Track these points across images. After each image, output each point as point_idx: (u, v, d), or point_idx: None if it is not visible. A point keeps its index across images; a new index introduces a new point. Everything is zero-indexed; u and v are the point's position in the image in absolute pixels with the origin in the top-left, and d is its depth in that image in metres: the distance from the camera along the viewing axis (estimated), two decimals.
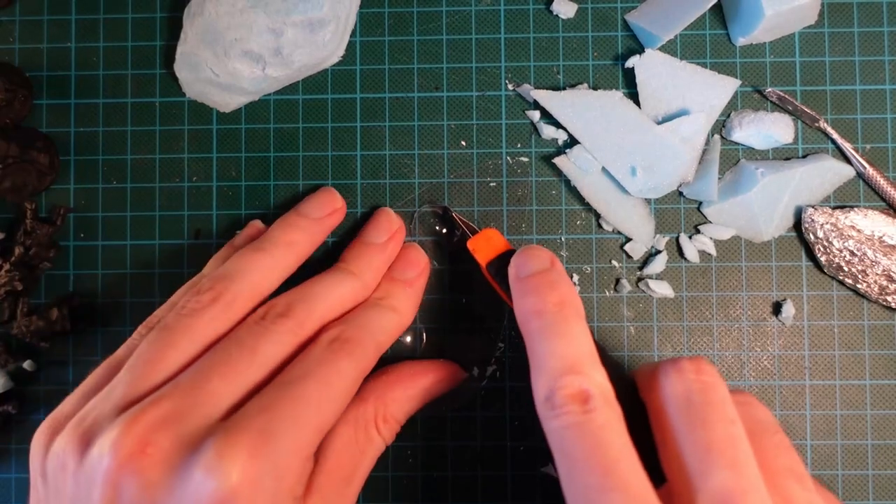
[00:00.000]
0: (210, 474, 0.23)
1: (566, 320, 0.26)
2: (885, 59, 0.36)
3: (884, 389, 0.35)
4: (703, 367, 0.25)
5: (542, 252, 0.29)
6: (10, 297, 0.36)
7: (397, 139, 0.37)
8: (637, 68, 0.36)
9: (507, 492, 0.35)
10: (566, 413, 0.24)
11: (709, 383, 0.25)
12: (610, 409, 0.24)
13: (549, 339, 0.26)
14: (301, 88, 0.37)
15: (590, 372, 0.25)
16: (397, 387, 0.32)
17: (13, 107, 0.36)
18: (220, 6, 0.34)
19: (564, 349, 0.25)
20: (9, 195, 0.36)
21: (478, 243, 0.32)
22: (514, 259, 0.30)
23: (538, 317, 0.27)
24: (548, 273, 0.28)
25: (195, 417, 0.24)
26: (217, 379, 0.25)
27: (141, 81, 0.38)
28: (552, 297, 0.27)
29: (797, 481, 0.24)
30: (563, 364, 0.25)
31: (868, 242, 0.35)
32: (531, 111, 0.36)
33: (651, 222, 0.36)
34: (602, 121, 0.35)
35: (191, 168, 0.37)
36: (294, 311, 0.28)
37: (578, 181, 0.35)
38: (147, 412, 0.24)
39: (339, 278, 0.31)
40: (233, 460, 0.23)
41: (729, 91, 0.35)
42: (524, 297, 0.28)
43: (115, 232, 0.37)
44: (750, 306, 0.36)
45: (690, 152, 0.35)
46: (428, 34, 0.37)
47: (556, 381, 0.24)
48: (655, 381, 0.26)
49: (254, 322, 0.28)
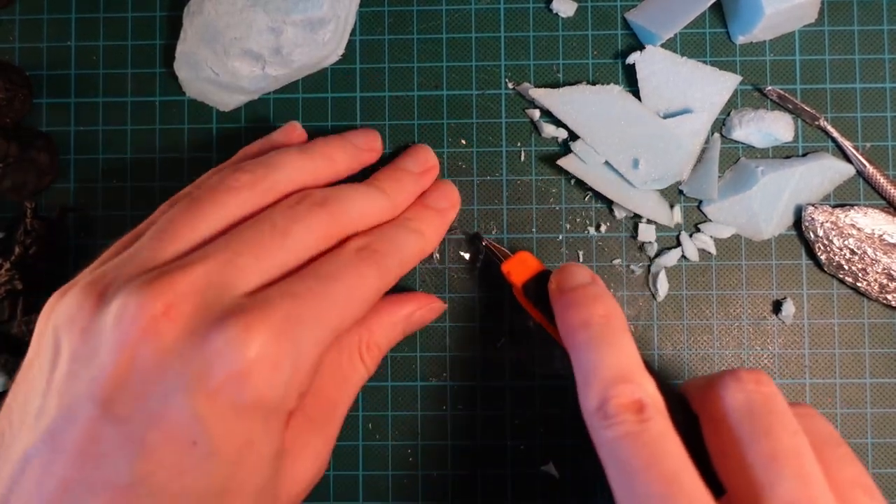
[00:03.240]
0: (230, 345, 0.22)
1: (613, 331, 0.26)
2: (885, 58, 0.36)
3: (884, 388, 0.35)
4: (763, 378, 0.25)
5: (582, 269, 0.29)
6: (9, 296, 0.36)
7: (397, 138, 0.37)
8: (638, 65, 0.36)
9: (507, 491, 0.35)
10: (621, 423, 0.23)
11: (769, 394, 0.25)
12: (664, 418, 0.24)
13: (597, 349, 0.26)
14: (301, 87, 0.37)
15: (642, 381, 0.25)
16: (381, 314, 0.32)
17: (13, 106, 0.36)
18: (220, 5, 0.34)
19: (614, 359, 0.25)
20: (9, 194, 0.36)
21: (512, 266, 0.32)
22: (555, 275, 0.30)
23: (585, 328, 0.27)
24: (591, 286, 0.28)
25: (222, 289, 0.23)
26: (248, 254, 0.24)
27: (141, 80, 0.38)
28: (598, 309, 0.27)
29: (865, 493, 0.24)
30: (615, 373, 0.25)
31: (868, 241, 0.35)
32: (531, 109, 0.36)
33: (666, 204, 0.36)
34: (602, 115, 0.35)
35: (191, 167, 0.37)
36: (329, 204, 0.28)
37: (587, 176, 0.35)
38: (173, 275, 0.23)
39: (371, 192, 0.30)
40: (257, 335, 0.22)
41: (730, 87, 0.35)
42: (569, 310, 0.28)
43: (115, 231, 0.37)
44: (750, 305, 0.36)
45: (693, 143, 0.35)
46: (428, 33, 0.37)
47: (608, 391, 0.24)
48: (713, 391, 0.25)
49: (287, 206, 0.27)
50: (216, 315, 0.23)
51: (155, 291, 0.22)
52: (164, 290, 0.22)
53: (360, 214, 0.29)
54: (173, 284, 0.23)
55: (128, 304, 0.22)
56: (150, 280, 0.23)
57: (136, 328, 0.22)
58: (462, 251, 0.36)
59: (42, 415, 0.22)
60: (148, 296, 0.22)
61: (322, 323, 0.25)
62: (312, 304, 0.24)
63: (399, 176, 0.32)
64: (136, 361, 0.22)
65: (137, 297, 0.22)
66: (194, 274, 0.23)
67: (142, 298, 0.22)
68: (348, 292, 0.26)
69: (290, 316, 0.23)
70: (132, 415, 0.22)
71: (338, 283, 0.26)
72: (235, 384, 0.22)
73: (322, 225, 0.27)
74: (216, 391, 0.22)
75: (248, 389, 0.22)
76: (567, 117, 0.35)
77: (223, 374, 0.22)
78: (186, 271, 0.23)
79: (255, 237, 0.25)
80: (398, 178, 0.32)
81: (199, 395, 0.22)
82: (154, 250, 0.25)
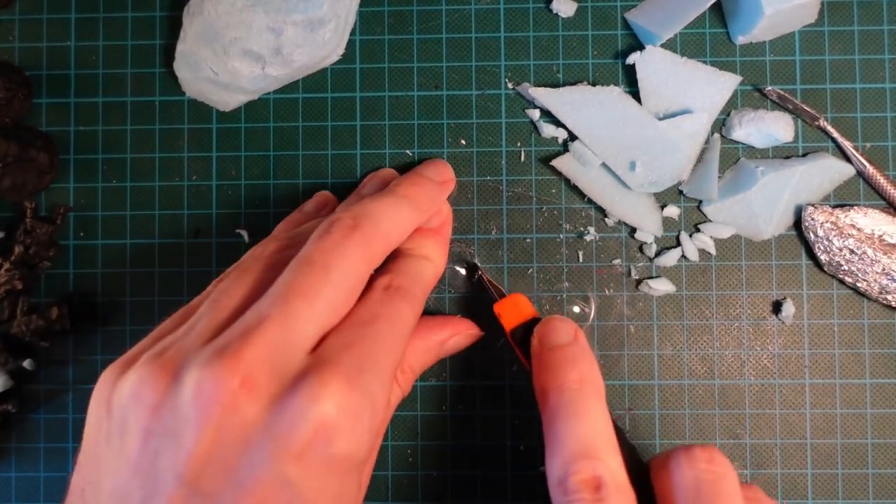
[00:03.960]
0: (311, 404, 0.22)
1: (584, 400, 0.26)
2: (885, 58, 0.36)
3: (884, 388, 0.35)
4: (715, 456, 0.25)
5: (565, 325, 0.29)
6: (9, 296, 0.36)
7: (397, 138, 0.37)
8: (638, 65, 0.36)
9: (507, 491, 0.35)
10: (577, 500, 0.24)
11: (719, 473, 0.25)
12: (622, 497, 0.24)
13: (566, 419, 0.26)
14: (301, 87, 0.37)
15: (605, 458, 0.25)
16: (416, 339, 0.32)
17: (13, 106, 0.36)
18: (220, 5, 0.34)
19: (582, 430, 0.25)
20: (8, 194, 0.36)
21: (504, 308, 0.32)
22: (538, 329, 0.30)
23: (557, 393, 0.27)
24: (570, 347, 0.28)
25: (287, 349, 0.23)
26: (299, 302, 0.24)
27: (141, 80, 0.38)
28: (573, 375, 0.27)
29: None
30: (579, 447, 0.25)
31: (868, 241, 0.35)
32: (531, 110, 0.36)
33: (658, 212, 0.36)
34: (601, 116, 0.35)
35: (190, 167, 0.37)
36: (361, 226, 0.27)
37: (579, 179, 0.35)
38: (241, 343, 0.23)
39: (398, 202, 0.29)
40: (334, 391, 0.22)
41: (730, 87, 0.35)
42: (546, 372, 0.28)
43: (115, 231, 0.37)
44: (750, 305, 0.36)
45: (691, 147, 0.35)
46: (428, 33, 0.37)
47: (570, 466, 0.25)
48: (666, 467, 0.26)
49: (319, 237, 0.26)
50: (289, 378, 0.23)
51: (229, 366, 0.22)
52: (237, 364, 0.22)
53: (392, 228, 0.28)
54: (243, 356, 0.22)
55: (203, 380, 0.22)
56: (219, 353, 0.22)
57: (216, 404, 0.22)
58: (458, 266, 0.36)
59: (125, 497, 0.22)
60: (223, 371, 0.22)
61: (381, 365, 0.25)
62: (369, 350, 0.24)
63: (421, 182, 0.32)
64: (220, 437, 0.22)
65: (212, 373, 0.22)
66: (260, 342, 0.23)
67: (217, 373, 0.22)
68: (392, 330, 0.26)
69: (354, 366, 0.23)
70: (221, 489, 0.22)
71: (380, 324, 0.26)
72: (322, 441, 0.22)
73: (358, 250, 0.26)
74: (303, 452, 0.22)
75: (335, 444, 0.22)
76: (566, 117, 0.35)
77: (308, 434, 0.22)
78: (251, 340, 0.23)
79: (300, 281, 0.25)
80: (421, 185, 0.32)
81: (286, 458, 0.22)
82: (212, 319, 0.25)
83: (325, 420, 0.22)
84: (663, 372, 0.36)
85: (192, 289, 0.37)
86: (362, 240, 0.26)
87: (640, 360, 0.36)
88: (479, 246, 0.36)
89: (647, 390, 0.36)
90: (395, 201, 0.29)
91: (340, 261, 0.25)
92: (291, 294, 0.24)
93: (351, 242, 0.26)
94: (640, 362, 0.36)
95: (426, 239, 0.32)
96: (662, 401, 0.36)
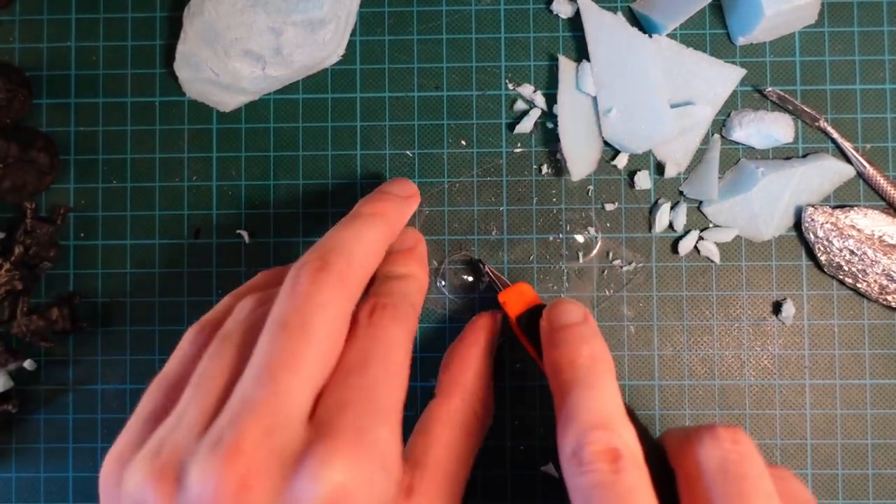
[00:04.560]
0: (316, 482, 0.21)
1: (598, 374, 0.26)
2: (885, 59, 0.36)
3: (884, 389, 0.35)
4: (740, 437, 0.25)
5: (575, 306, 0.29)
6: (10, 296, 0.36)
7: (397, 139, 0.37)
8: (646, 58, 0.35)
9: (507, 492, 0.35)
10: (594, 471, 0.23)
11: (745, 454, 0.24)
12: (639, 470, 0.23)
13: (580, 391, 0.25)
14: (301, 88, 0.37)
15: (620, 430, 0.24)
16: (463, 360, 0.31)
17: (13, 106, 0.36)
18: (220, 6, 0.34)
19: (595, 403, 0.25)
20: (9, 195, 0.36)
21: (509, 296, 0.32)
22: (547, 311, 0.29)
23: (570, 368, 0.26)
24: (581, 326, 0.28)
25: (282, 424, 0.22)
26: (283, 374, 0.23)
27: (141, 81, 0.38)
28: (584, 350, 0.27)
29: None
30: (594, 418, 0.24)
31: (868, 242, 0.35)
32: (518, 93, 0.36)
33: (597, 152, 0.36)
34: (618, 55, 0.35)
35: (191, 167, 0.37)
36: (331, 263, 0.25)
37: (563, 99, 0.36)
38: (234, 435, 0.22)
39: (363, 221, 0.28)
40: (336, 460, 0.21)
41: (734, 80, 0.35)
42: (556, 348, 0.27)
43: (115, 231, 0.37)
44: (750, 306, 0.36)
45: (691, 139, 0.35)
46: (428, 33, 0.37)
47: (585, 436, 0.24)
48: (689, 446, 0.25)
49: (290, 289, 0.24)
50: (291, 458, 0.22)
51: (227, 464, 0.21)
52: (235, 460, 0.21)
53: (364, 254, 0.27)
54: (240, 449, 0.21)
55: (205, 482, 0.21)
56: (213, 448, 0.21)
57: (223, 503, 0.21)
58: (464, 275, 0.36)
59: None
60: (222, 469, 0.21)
61: (384, 410, 0.24)
62: (367, 400, 0.23)
63: (386, 198, 0.31)
64: None
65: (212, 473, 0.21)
66: (252, 428, 0.22)
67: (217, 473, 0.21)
68: (387, 368, 0.25)
69: (354, 427, 0.22)
70: None
71: (373, 366, 0.24)
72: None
73: (334, 293, 0.24)
74: None
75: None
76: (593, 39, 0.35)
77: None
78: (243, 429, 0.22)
79: (280, 350, 0.23)
80: (386, 199, 0.30)
81: None
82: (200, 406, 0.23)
83: (333, 490, 0.21)
84: (663, 372, 0.36)
85: (193, 289, 0.37)
86: (336, 280, 0.25)
87: (640, 361, 0.36)
88: (479, 246, 0.36)
89: (648, 391, 0.36)
90: (361, 222, 0.28)
91: (317, 314, 0.24)
92: (274, 368, 0.23)
93: (325, 287, 0.24)
94: (641, 363, 0.36)
95: (402, 257, 0.31)
96: (663, 401, 0.36)
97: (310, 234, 0.37)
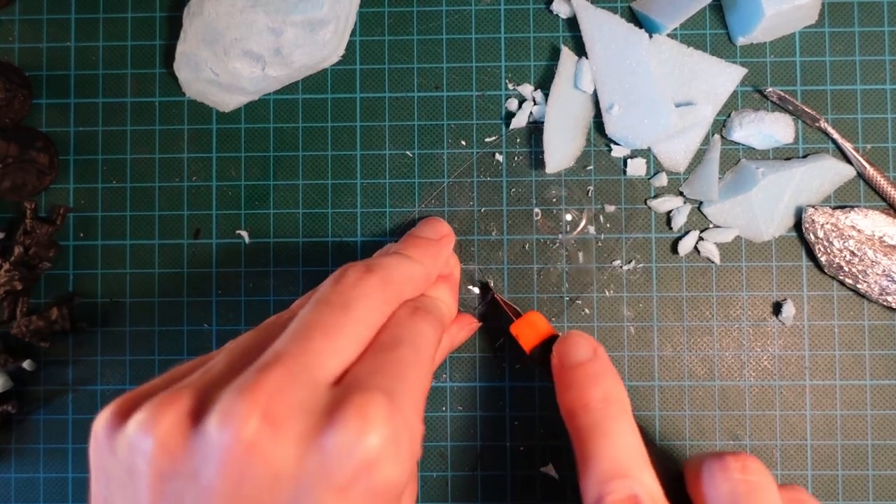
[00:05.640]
0: (354, 440, 0.21)
1: (612, 418, 0.26)
2: (886, 59, 0.36)
3: (884, 389, 0.35)
4: (750, 465, 0.25)
5: (584, 340, 0.29)
6: (9, 296, 0.36)
7: (397, 139, 0.37)
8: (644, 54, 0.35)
9: (507, 492, 0.35)
10: None
11: (755, 484, 0.24)
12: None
13: (595, 439, 0.26)
14: (301, 88, 0.37)
15: (638, 475, 0.25)
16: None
17: (13, 106, 0.36)
18: (220, 6, 0.34)
19: (612, 451, 0.25)
20: (8, 195, 0.36)
21: (521, 329, 0.32)
22: (556, 347, 0.30)
23: (584, 412, 0.27)
24: (591, 364, 0.28)
25: (308, 381, 0.22)
26: (318, 336, 0.23)
27: (140, 81, 0.38)
28: (597, 393, 0.27)
29: None
30: (613, 467, 0.25)
31: (868, 242, 0.35)
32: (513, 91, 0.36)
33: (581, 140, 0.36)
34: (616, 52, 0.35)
35: (190, 168, 0.37)
36: (375, 271, 0.26)
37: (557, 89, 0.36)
38: (263, 381, 0.21)
39: (404, 259, 0.29)
40: (376, 423, 0.21)
41: (734, 80, 0.35)
42: (569, 391, 0.28)
43: (115, 232, 0.37)
44: (750, 306, 0.36)
45: (692, 138, 0.35)
46: (428, 34, 0.37)
47: (605, 486, 0.24)
48: (700, 478, 0.25)
49: (334, 282, 0.26)
50: (318, 414, 0.22)
51: (247, 399, 0.21)
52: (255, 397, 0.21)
53: (402, 279, 0.28)
54: (261, 387, 0.21)
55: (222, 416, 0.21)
56: (236, 388, 0.21)
57: (238, 442, 0.20)
58: (469, 285, 0.36)
59: None
60: (242, 404, 0.21)
61: (413, 387, 0.24)
62: (398, 373, 0.24)
63: (420, 243, 0.31)
64: (246, 478, 0.21)
65: (231, 407, 0.21)
66: (277, 374, 0.21)
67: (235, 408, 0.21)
68: (417, 353, 0.25)
69: (388, 393, 0.22)
70: None
71: (406, 347, 0.25)
72: (366, 475, 0.21)
73: (376, 290, 0.26)
74: (347, 487, 0.21)
75: (380, 474, 0.21)
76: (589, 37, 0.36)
77: (352, 470, 0.21)
78: (270, 373, 0.21)
79: (318, 319, 0.24)
80: (420, 245, 0.31)
81: (328, 496, 0.21)
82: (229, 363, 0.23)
83: (368, 453, 0.21)
84: (663, 373, 0.36)
85: (192, 289, 0.37)
86: (379, 282, 0.26)
87: (640, 362, 0.36)
88: (479, 246, 0.36)
89: (648, 391, 0.36)
90: (400, 259, 0.29)
91: (360, 299, 0.25)
92: (310, 330, 0.23)
93: (368, 284, 0.26)
94: (641, 363, 0.36)
95: (437, 283, 0.31)
96: (663, 402, 0.36)
97: (310, 234, 0.37)
